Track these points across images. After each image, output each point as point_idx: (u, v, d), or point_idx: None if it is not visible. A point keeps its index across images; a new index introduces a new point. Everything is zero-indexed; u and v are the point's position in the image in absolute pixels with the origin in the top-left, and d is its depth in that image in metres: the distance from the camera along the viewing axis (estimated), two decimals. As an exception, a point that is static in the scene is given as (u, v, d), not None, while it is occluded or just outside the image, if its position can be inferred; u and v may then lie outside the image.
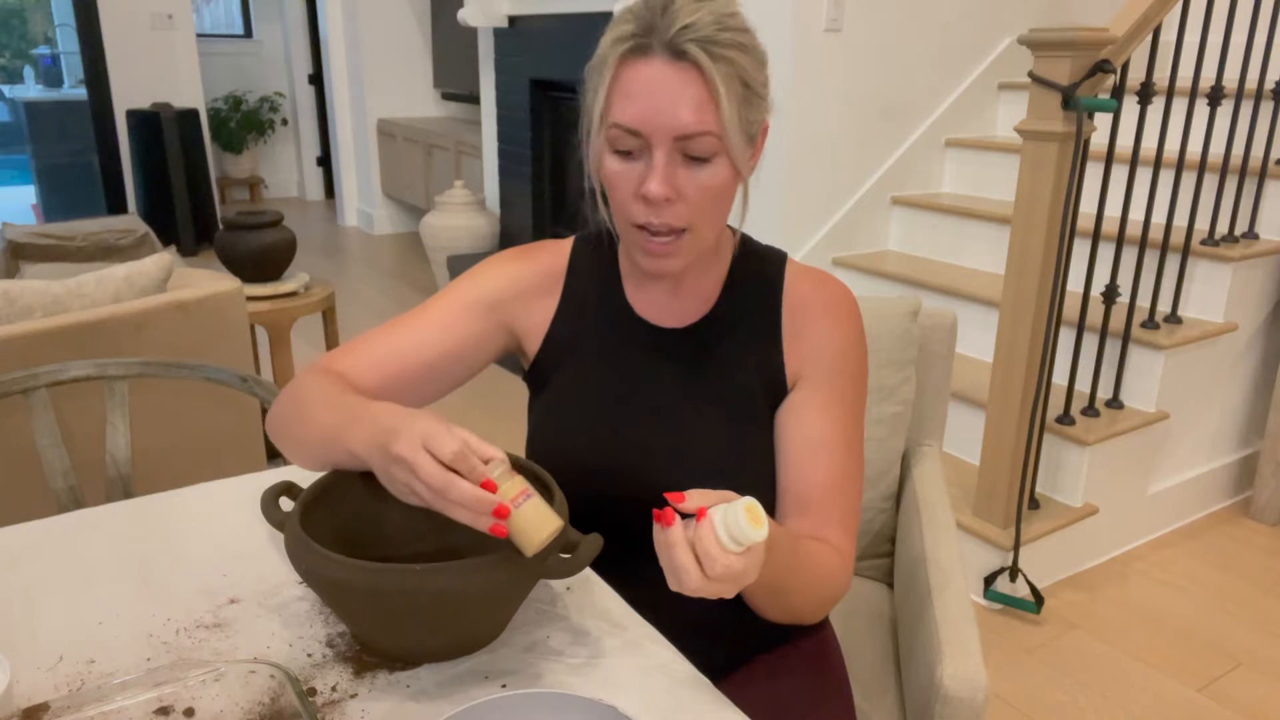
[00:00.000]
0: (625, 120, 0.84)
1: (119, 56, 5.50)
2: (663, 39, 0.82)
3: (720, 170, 0.86)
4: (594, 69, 0.88)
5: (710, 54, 0.82)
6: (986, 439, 2.19)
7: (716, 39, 0.82)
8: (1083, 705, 1.90)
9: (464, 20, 4.26)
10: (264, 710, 0.70)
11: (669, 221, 0.87)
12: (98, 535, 1.00)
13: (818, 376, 0.97)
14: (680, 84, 0.82)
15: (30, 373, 1.28)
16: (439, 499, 0.71)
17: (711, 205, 0.88)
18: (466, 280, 1.02)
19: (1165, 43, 2.21)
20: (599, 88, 0.87)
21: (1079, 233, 2.16)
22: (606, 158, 0.88)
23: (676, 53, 0.82)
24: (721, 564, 0.70)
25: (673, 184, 0.85)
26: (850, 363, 0.98)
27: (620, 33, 0.85)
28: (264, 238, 2.86)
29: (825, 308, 0.99)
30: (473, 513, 0.71)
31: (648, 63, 0.83)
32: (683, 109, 0.82)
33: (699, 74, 0.82)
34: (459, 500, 0.71)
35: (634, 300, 1.01)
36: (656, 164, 0.84)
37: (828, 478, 0.95)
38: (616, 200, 0.89)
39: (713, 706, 0.77)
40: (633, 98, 0.84)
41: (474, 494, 0.71)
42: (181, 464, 1.97)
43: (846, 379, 0.97)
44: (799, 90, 2.82)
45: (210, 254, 5.61)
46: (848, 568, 0.95)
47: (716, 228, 0.92)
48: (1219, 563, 2.43)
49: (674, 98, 0.82)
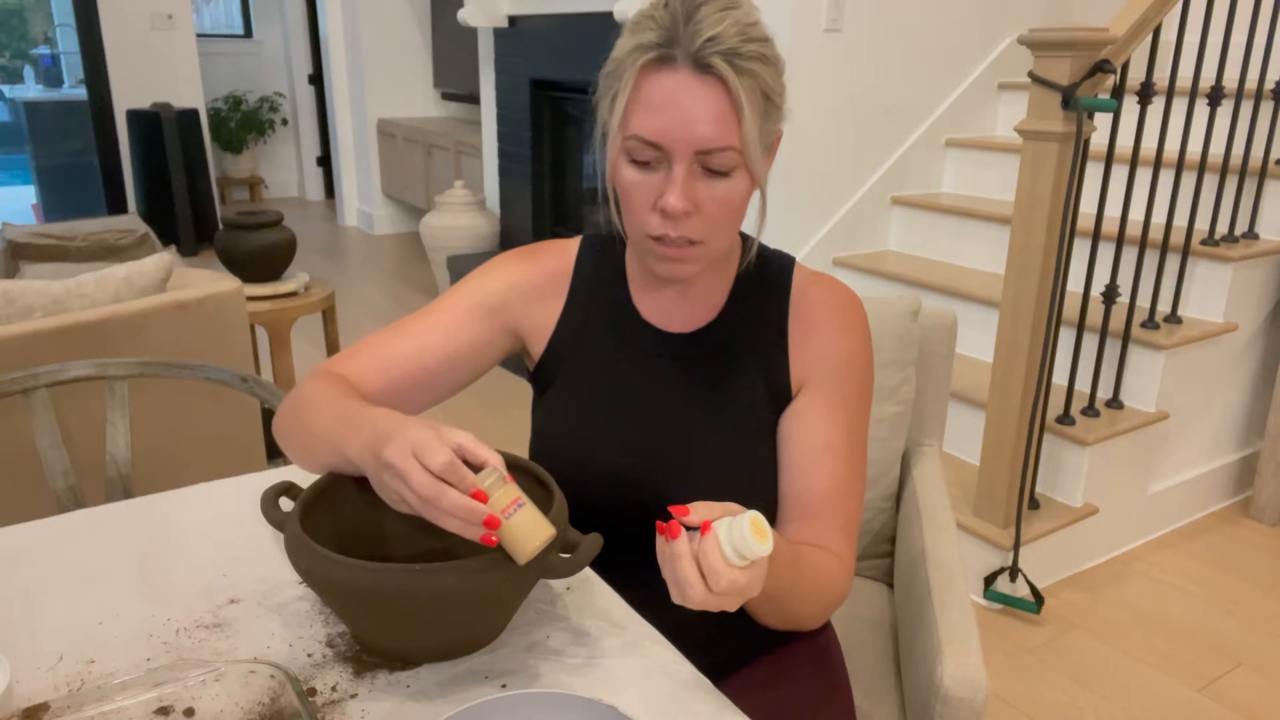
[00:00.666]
0: (645, 133, 0.83)
1: (119, 56, 5.50)
2: (687, 50, 0.81)
3: (739, 184, 0.86)
4: (611, 74, 0.86)
5: (735, 67, 0.81)
6: (986, 439, 2.19)
7: (740, 51, 0.81)
8: (1083, 705, 1.90)
9: (464, 20, 4.26)
10: (264, 710, 0.70)
11: (685, 234, 0.86)
12: (98, 535, 1.00)
13: (822, 382, 0.96)
14: (704, 98, 0.81)
15: (30, 373, 1.28)
16: (429, 508, 0.71)
17: (728, 218, 0.87)
18: (470, 282, 1.01)
19: (1165, 43, 2.21)
20: (618, 96, 0.85)
21: (1079, 233, 2.16)
22: (623, 166, 0.86)
23: (701, 66, 0.81)
24: (726, 578, 0.69)
25: (691, 198, 0.84)
26: (856, 369, 0.97)
27: (642, 40, 0.83)
28: (264, 238, 2.86)
29: (832, 313, 0.98)
30: (463, 522, 0.71)
31: (671, 74, 0.81)
32: (705, 123, 0.81)
33: (723, 88, 0.81)
34: (449, 510, 0.71)
35: (640, 304, 1.00)
36: (676, 177, 0.83)
37: (831, 484, 0.94)
38: (631, 209, 0.88)
39: (713, 707, 0.77)
40: (654, 110, 0.82)
41: (464, 504, 0.71)
42: (181, 464, 1.97)
43: (852, 385, 0.97)
44: (799, 90, 2.82)
45: (210, 254, 5.61)
46: (848, 574, 0.95)
47: (730, 239, 0.92)
48: (1219, 563, 2.43)
49: (696, 112, 0.81)
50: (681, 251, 0.88)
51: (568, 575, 0.78)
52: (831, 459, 0.95)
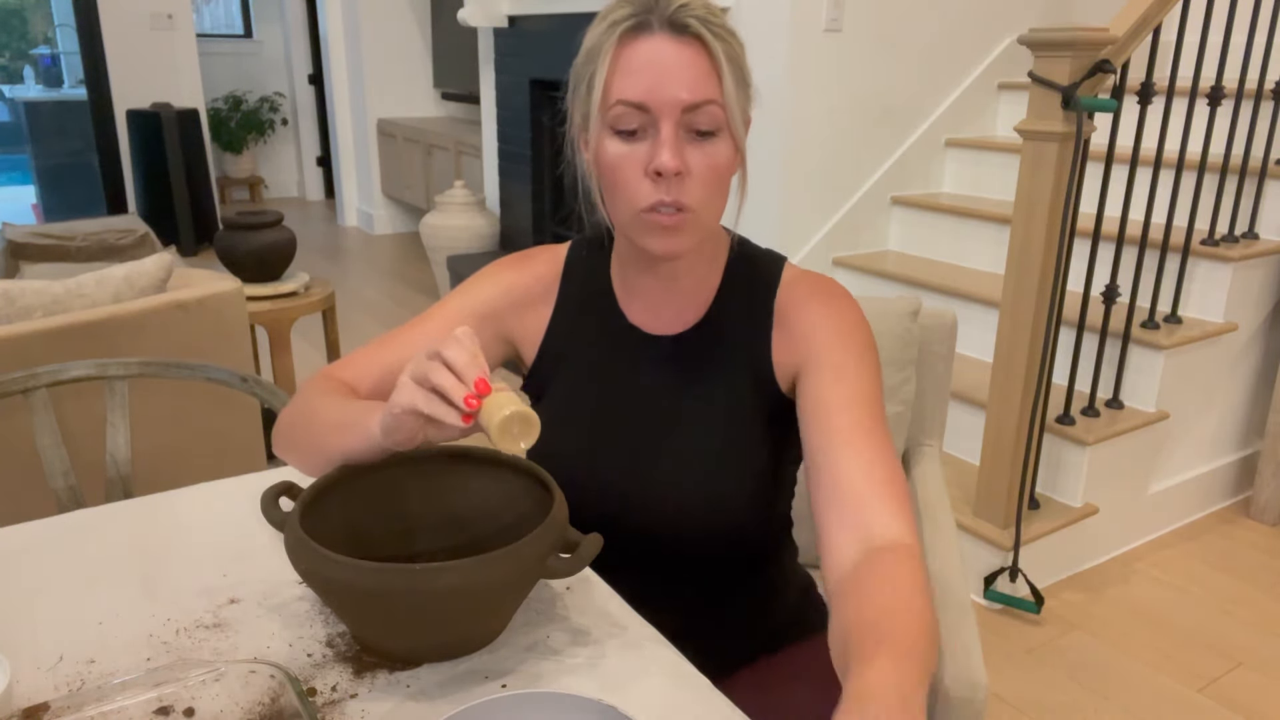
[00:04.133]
0: (630, 95, 0.83)
1: (119, 56, 5.50)
2: (662, 16, 0.83)
3: (724, 147, 0.86)
4: (585, 61, 0.87)
5: (710, 29, 0.83)
6: (986, 439, 2.19)
7: (711, 19, 0.84)
8: (1083, 705, 1.90)
9: (464, 20, 4.26)
10: (264, 710, 0.70)
11: (679, 198, 0.85)
12: (98, 535, 1.00)
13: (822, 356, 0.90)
14: (684, 55, 0.83)
15: (30, 373, 1.28)
16: (425, 376, 0.75)
17: (718, 183, 0.87)
18: (463, 291, 1.01)
19: (1165, 43, 2.21)
20: (595, 74, 0.85)
21: (1079, 233, 2.17)
22: (608, 142, 0.86)
23: (678, 27, 0.83)
24: None
25: (681, 158, 0.84)
26: (856, 341, 0.91)
27: (616, 17, 0.85)
28: (264, 238, 2.86)
29: (819, 299, 0.94)
30: (447, 396, 0.74)
31: (649, 39, 0.83)
32: (688, 79, 0.83)
33: (701, 46, 0.83)
34: (437, 384, 0.74)
35: (627, 308, 0.99)
36: (665, 137, 0.83)
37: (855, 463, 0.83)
38: (620, 184, 0.86)
39: (713, 707, 0.77)
40: (637, 73, 0.83)
41: (453, 380, 0.74)
42: (181, 464, 1.97)
43: (853, 354, 0.90)
44: (799, 90, 2.82)
45: (210, 254, 5.60)
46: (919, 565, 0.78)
47: (718, 212, 0.90)
48: (1219, 563, 2.43)
49: (678, 69, 0.83)
50: (675, 219, 0.86)
51: (568, 575, 0.78)
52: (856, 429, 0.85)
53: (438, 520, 0.91)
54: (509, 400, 0.74)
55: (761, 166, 2.91)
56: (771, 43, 2.80)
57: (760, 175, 2.93)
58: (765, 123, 2.85)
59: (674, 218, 0.86)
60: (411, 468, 0.90)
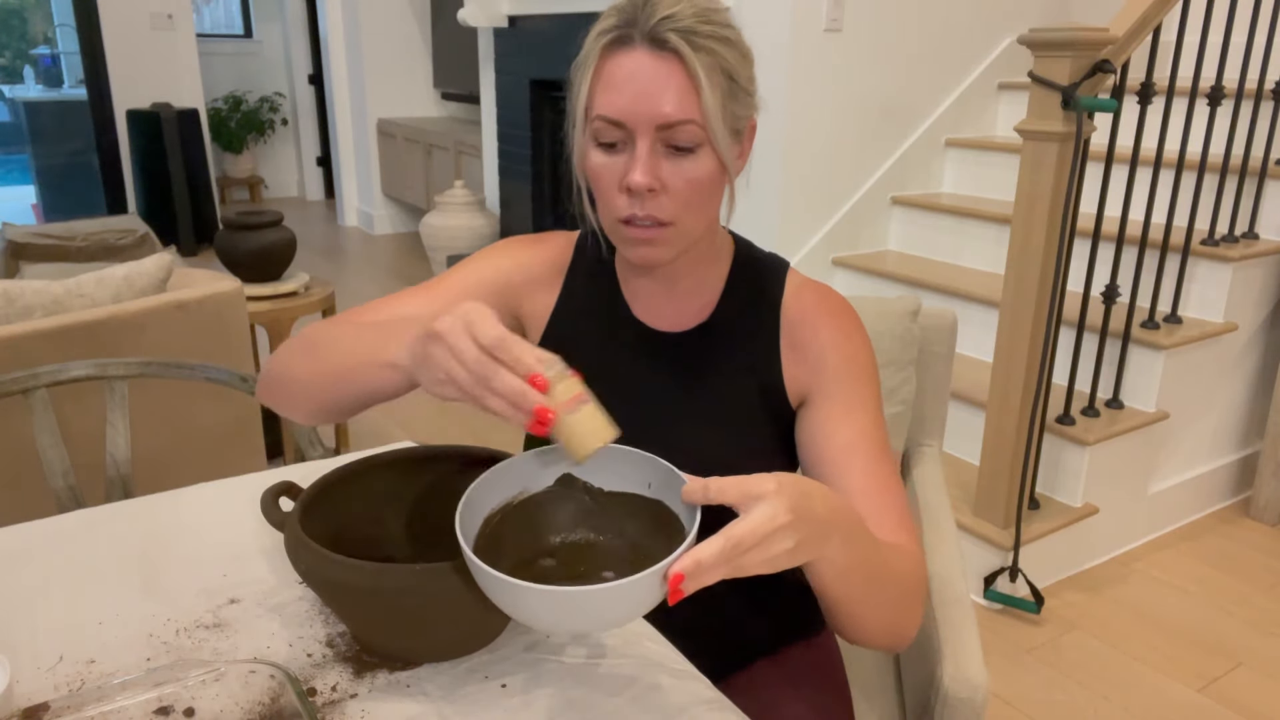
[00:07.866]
0: (608, 111, 0.84)
1: (119, 56, 5.50)
2: (643, 29, 0.82)
3: (705, 162, 0.85)
4: (578, 66, 0.88)
5: (691, 44, 0.82)
6: (986, 439, 2.19)
7: (697, 30, 0.82)
8: (1083, 705, 1.90)
9: (464, 20, 4.26)
10: (264, 710, 0.70)
11: (652, 213, 0.85)
12: (98, 535, 1.00)
13: (831, 388, 0.94)
14: (661, 73, 0.82)
15: (30, 373, 1.28)
16: (478, 387, 0.67)
17: (696, 198, 0.87)
18: (476, 260, 1.01)
19: (1165, 43, 2.21)
20: (582, 83, 0.86)
21: (1079, 233, 2.16)
22: (591, 152, 0.87)
23: (657, 42, 0.82)
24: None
25: (655, 174, 0.84)
26: (863, 370, 0.95)
27: (603, 27, 0.85)
28: (264, 238, 2.85)
29: (828, 319, 0.96)
30: (511, 407, 0.67)
31: (629, 53, 0.83)
32: (664, 98, 0.82)
33: (680, 63, 0.82)
34: (500, 391, 0.66)
35: (632, 302, 1.00)
36: (639, 154, 0.83)
37: (866, 481, 0.90)
38: (600, 193, 0.88)
39: (713, 707, 0.77)
40: (615, 89, 0.83)
41: (516, 387, 0.66)
42: (181, 464, 1.97)
43: (863, 385, 0.94)
44: (799, 90, 2.82)
45: (210, 254, 5.60)
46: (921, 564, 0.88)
47: (702, 223, 0.90)
48: (1219, 563, 2.43)
49: (655, 87, 0.82)
50: (650, 233, 0.87)
51: (568, 575, 0.78)
52: (861, 458, 0.91)
53: (438, 520, 0.91)
54: (598, 426, 0.70)
55: (761, 166, 2.91)
56: (771, 43, 2.79)
57: (760, 175, 2.93)
58: (765, 123, 2.83)
59: (649, 231, 0.87)
60: (411, 467, 0.90)
